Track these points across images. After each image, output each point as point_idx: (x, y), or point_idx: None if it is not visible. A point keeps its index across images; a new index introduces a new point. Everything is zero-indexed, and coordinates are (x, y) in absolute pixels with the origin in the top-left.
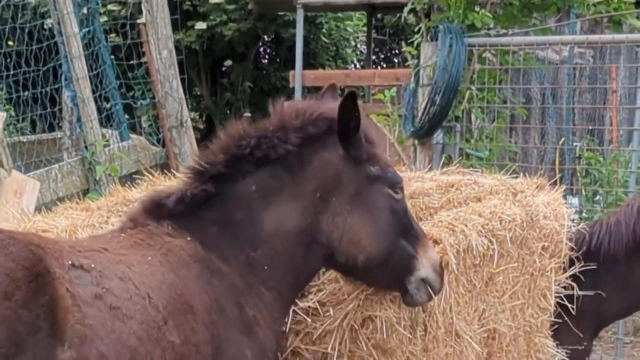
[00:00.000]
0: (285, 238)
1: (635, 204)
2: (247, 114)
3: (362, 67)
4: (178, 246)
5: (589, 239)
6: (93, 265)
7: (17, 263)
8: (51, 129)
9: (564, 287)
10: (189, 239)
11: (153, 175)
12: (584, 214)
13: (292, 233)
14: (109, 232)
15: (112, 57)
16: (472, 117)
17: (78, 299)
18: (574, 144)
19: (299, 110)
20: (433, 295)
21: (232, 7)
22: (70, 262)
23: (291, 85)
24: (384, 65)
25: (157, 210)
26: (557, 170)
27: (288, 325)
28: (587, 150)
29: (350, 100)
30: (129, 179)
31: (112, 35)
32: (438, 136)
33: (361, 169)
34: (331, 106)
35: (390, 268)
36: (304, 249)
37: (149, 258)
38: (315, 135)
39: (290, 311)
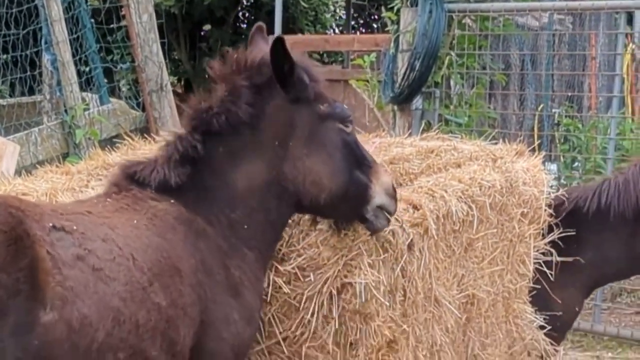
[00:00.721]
0: (258, 194)
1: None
2: None
3: (341, 32)
4: (163, 210)
5: (597, 198)
6: (75, 227)
7: None
8: (31, 92)
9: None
10: (172, 202)
11: (133, 139)
12: (562, 181)
13: (263, 187)
14: (94, 197)
15: (92, 20)
16: (452, 83)
17: (59, 261)
18: (553, 110)
19: (239, 62)
20: (390, 219)
21: None
22: (51, 225)
23: None
24: (363, 31)
25: (139, 175)
26: (536, 137)
27: (269, 292)
28: (565, 116)
29: (279, 44)
30: (108, 142)
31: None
32: (417, 102)
33: (311, 109)
34: (267, 50)
35: (350, 201)
36: (276, 201)
37: (135, 221)
38: (261, 84)
39: (271, 277)
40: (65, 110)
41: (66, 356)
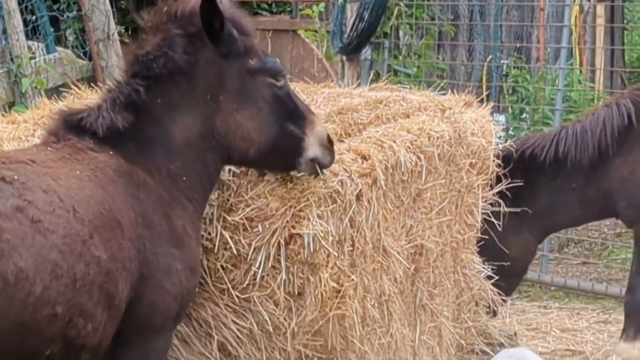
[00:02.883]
0: (195, 146)
1: (601, 113)
2: None
3: None
4: (103, 162)
5: (555, 146)
6: (16, 177)
7: None
8: None
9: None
10: (111, 153)
11: (79, 89)
12: (510, 132)
13: (199, 140)
14: (34, 146)
15: None
16: (400, 33)
17: None
18: (502, 61)
19: (170, 13)
20: (322, 171)
21: None
22: None
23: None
24: None
25: (77, 125)
26: (484, 88)
27: (217, 243)
28: (514, 68)
29: (207, 0)
30: (55, 91)
31: None
32: (366, 52)
33: (241, 64)
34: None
35: (281, 154)
36: (212, 154)
37: (77, 172)
38: (194, 33)
39: (219, 227)
40: (11, 59)
41: (5, 308)
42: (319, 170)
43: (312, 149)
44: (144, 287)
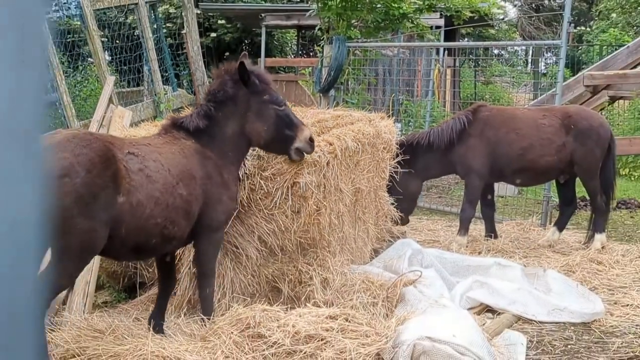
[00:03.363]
0: (235, 138)
1: (450, 122)
2: None
3: (294, 57)
4: (189, 145)
5: (428, 137)
6: (140, 153)
7: (96, 153)
8: (137, 85)
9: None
10: (193, 141)
11: (188, 109)
12: (403, 132)
13: (237, 135)
14: (153, 136)
15: (169, 49)
16: (349, 83)
17: (130, 171)
18: (399, 97)
19: (226, 68)
20: (306, 155)
21: (229, 25)
22: (127, 151)
23: (258, 65)
24: (307, 56)
25: (178, 125)
26: (390, 110)
27: (256, 185)
28: (405, 100)
29: (241, 65)
30: (176, 111)
31: (169, 38)
32: (332, 92)
33: (260, 97)
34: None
35: (279, 144)
36: (242, 141)
37: (173, 150)
38: (237, 80)
39: (257, 178)
40: (155, 94)
41: (130, 220)
42: (302, 155)
43: (298, 142)
44: (207, 208)
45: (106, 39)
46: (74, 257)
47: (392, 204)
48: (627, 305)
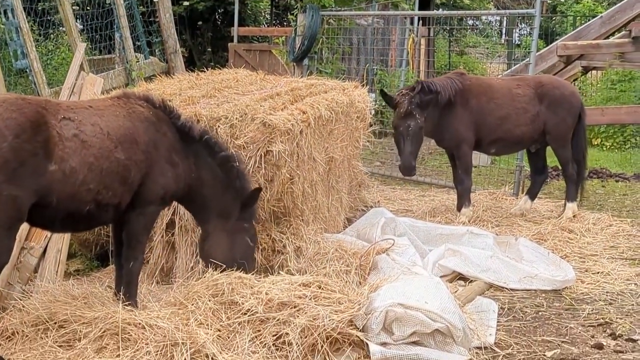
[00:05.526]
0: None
1: (443, 81)
2: (208, 49)
3: (268, 26)
4: (140, 112)
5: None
6: (76, 117)
7: (26, 117)
8: (109, 53)
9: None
10: (150, 112)
11: (160, 77)
12: (377, 102)
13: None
14: (103, 98)
15: (140, 16)
16: (323, 52)
17: (63, 138)
18: (374, 67)
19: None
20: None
21: None
22: (62, 117)
23: (232, 35)
24: (280, 25)
25: (146, 98)
26: (364, 80)
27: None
28: (379, 69)
29: (258, 192)
30: (148, 79)
31: (140, 6)
32: (305, 61)
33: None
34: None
35: None
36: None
37: (117, 113)
38: None
39: (231, 146)
40: (127, 62)
41: (61, 188)
42: None
43: None
44: (147, 178)
45: (77, 7)
46: (2, 227)
47: (366, 174)
48: (598, 272)
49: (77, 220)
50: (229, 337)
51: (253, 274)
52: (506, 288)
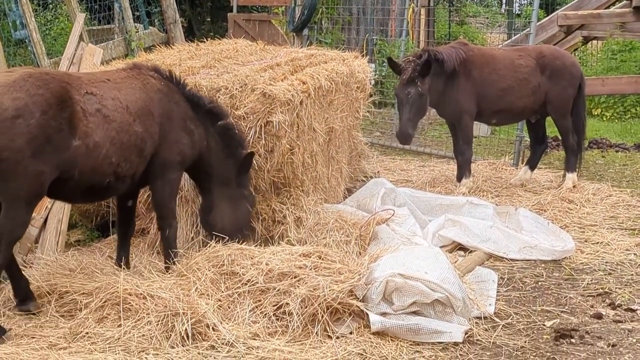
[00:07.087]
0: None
1: (448, 50)
2: (208, 19)
3: None
4: (153, 83)
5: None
6: (98, 92)
7: (52, 94)
8: (108, 23)
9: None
10: (162, 84)
11: (159, 47)
12: (377, 72)
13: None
14: (116, 69)
15: None
16: (323, 22)
17: (86, 113)
18: (373, 37)
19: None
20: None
21: None
22: (85, 91)
23: (231, 5)
24: None
25: (155, 69)
26: (364, 50)
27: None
28: (379, 39)
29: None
30: (147, 49)
31: None
32: (305, 31)
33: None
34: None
35: None
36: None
37: (133, 85)
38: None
39: (231, 117)
40: (126, 32)
41: (84, 162)
42: None
43: None
44: (161, 147)
45: None
46: (23, 202)
47: (366, 144)
48: (597, 243)
49: (96, 191)
50: (229, 307)
51: (254, 244)
52: (506, 258)
